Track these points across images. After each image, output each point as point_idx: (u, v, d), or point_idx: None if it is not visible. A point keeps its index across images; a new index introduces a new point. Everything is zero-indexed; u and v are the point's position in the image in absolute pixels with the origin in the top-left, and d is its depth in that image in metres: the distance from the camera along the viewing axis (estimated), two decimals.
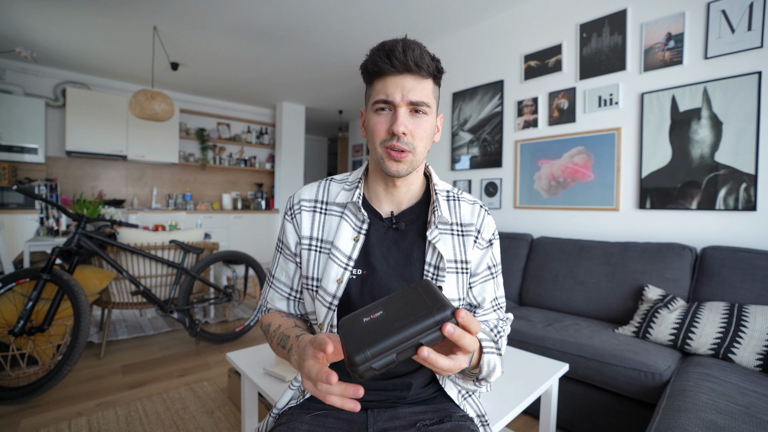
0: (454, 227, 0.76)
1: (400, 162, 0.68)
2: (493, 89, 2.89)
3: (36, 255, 2.67)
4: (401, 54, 0.64)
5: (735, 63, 1.83)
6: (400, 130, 0.66)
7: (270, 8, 2.89)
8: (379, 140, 0.69)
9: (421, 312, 0.47)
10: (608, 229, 2.28)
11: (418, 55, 0.65)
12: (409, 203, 0.77)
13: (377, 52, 0.67)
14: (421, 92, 0.67)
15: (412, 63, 0.65)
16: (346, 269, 0.71)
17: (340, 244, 0.73)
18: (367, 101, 0.72)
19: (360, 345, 0.45)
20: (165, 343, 2.65)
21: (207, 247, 2.72)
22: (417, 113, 0.68)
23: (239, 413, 1.76)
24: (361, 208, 0.74)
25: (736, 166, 1.83)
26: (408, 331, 0.45)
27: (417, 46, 0.66)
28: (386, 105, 0.67)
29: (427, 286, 0.50)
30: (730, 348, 1.41)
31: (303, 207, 0.77)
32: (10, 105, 3.96)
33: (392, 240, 0.74)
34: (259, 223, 5.63)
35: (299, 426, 0.70)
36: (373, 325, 0.48)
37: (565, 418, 1.63)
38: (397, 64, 0.65)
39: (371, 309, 0.51)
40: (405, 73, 0.66)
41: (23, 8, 2.95)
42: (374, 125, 0.69)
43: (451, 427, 0.69)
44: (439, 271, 0.72)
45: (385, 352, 0.45)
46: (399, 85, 0.66)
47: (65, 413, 1.74)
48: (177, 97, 5.28)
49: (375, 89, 0.69)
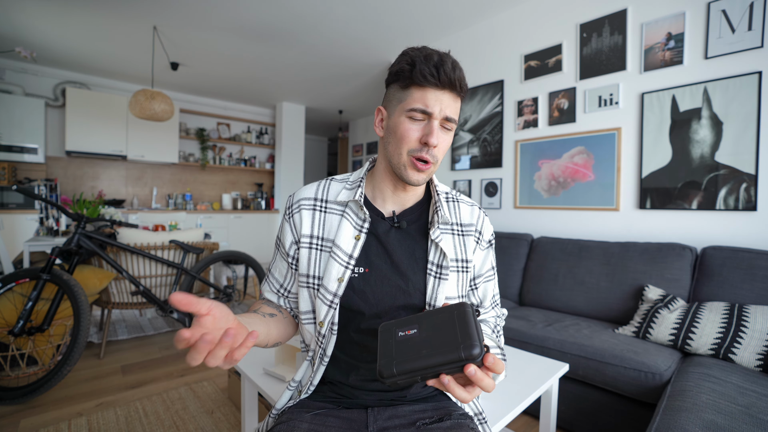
0: (455, 227, 0.78)
1: (423, 173, 0.71)
2: (493, 89, 2.89)
3: (36, 255, 2.67)
4: (451, 71, 0.66)
5: (735, 63, 1.83)
6: (434, 142, 0.68)
7: (270, 8, 2.89)
8: (407, 147, 0.70)
9: (450, 345, 0.49)
10: (608, 229, 2.28)
11: (460, 75, 0.68)
12: (412, 202, 0.79)
13: (425, 62, 0.66)
14: (454, 109, 0.70)
15: (456, 81, 0.67)
16: (348, 267, 0.72)
17: (341, 242, 0.73)
18: (394, 103, 0.72)
19: (389, 360, 0.50)
20: (165, 343, 2.65)
21: (207, 247, 2.72)
22: (446, 129, 0.70)
23: (239, 413, 1.76)
24: (362, 206, 0.74)
25: (736, 166, 1.83)
26: (433, 361, 0.49)
27: (459, 65, 0.69)
28: (423, 114, 0.68)
29: (464, 314, 0.52)
30: (731, 348, 1.41)
31: (302, 206, 0.77)
32: (10, 105, 3.96)
33: (395, 239, 0.75)
34: (259, 223, 5.63)
35: (299, 425, 0.70)
36: (405, 344, 0.52)
37: (565, 418, 1.62)
38: (445, 79, 0.66)
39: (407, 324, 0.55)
40: (447, 89, 0.68)
41: (23, 8, 2.95)
42: (405, 131, 0.69)
43: (451, 425, 0.70)
44: (442, 269, 0.73)
45: (411, 374, 0.49)
46: (439, 99, 0.68)
47: (65, 413, 1.74)
48: (177, 97, 5.28)
49: (412, 96, 0.68)
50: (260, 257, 5.47)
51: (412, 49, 0.70)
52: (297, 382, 0.79)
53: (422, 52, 0.68)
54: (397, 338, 0.53)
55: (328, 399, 0.77)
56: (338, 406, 0.76)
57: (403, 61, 0.69)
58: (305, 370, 0.78)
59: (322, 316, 0.72)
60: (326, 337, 0.73)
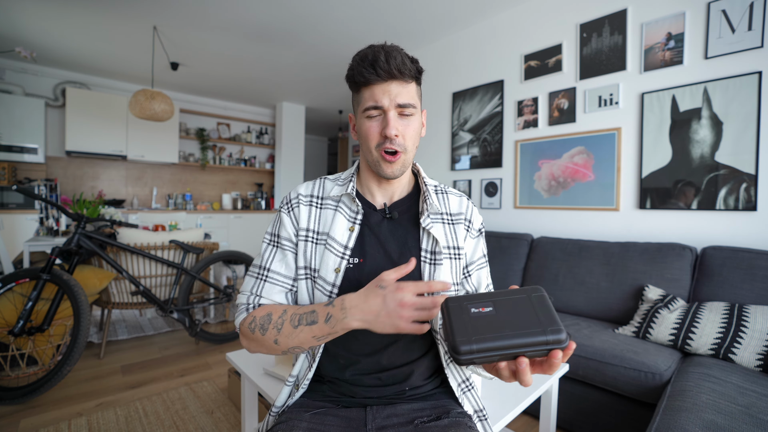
0: (445, 216, 0.81)
1: (393, 164, 0.74)
2: (493, 89, 2.89)
3: (36, 255, 2.67)
4: (385, 63, 0.69)
5: (735, 63, 1.83)
6: (393, 132, 0.71)
7: (270, 8, 2.89)
8: (373, 144, 0.73)
9: (535, 327, 0.48)
10: (608, 229, 2.28)
11: (400, 62, 0.70)
12: (400, 195, 0.82)
13: (361, 63, 0.70)
14: (406, 95, 0.72)
15: (395, 70, 0.69)
16: (343, 258, 0.74)
17: (335, 234, 0.75)
18: (356, 108, 0.77)
19: (467, 336, 0.48)
20: (165, 343, 2.65)
21: (207, 247, 2.72)
22: (405, 115, 0.73)
23: (239, 413, 1.76)
24: (355, 198, 0.77)
25: (736, 166, 1.83)
26: (517, 341, 0.47)
27: (397, 52, 0.70)
28: (376, 110, 0.72)
29: (541, 299, 0.51)
30: (731, 348, 1.41)
31: (301, 201, 0.80)
32: (10, 105, 3.96)
33: (387, 229, 0.78)
34: (259, 223, 5.63)
35: (298, 424, 0.70)
36: (482, 320, 0.49)
37: (565, 418, 1.62)
38: (382, 73, 0.69)
39: (479, 300, 0.52)
40: (390, 79, 0.70)
41: (23, 8, 2.95)
42: (367, 130, 0.73)
43: (449, 424, 0.70)
44: (436, 255, 0.76)
45: (490, 352, 0.47)
46: (386, 91, 0.71)
47: (65, 413, 1.74)
48: (177, 97, 5.28)
49: (363, 97, 0.73)
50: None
51: (357, 53, 0.73)
52: (294, 377, 0.79)
53: (359, 54, 0.72)
54: (471, 314, 0.50)
55: (327, 398, 0.77)
56: (337, 405, 0.76)
57: (348, 69, 0.74)
58: (302, 362, 0.79)
59: None
60: None
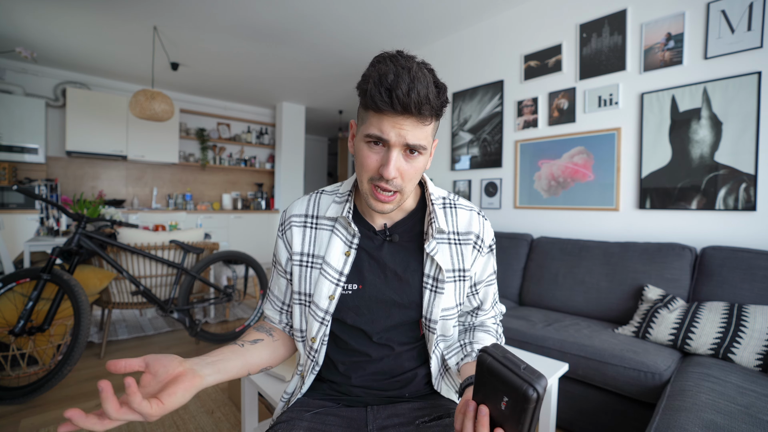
0: (452, 236, 0.74)
1: (385, 203, 0.65)
2: (493, 89, 2.89)
3: (36, 255, 2.67)
4: (404, 95, 0.56)
5: (735, 63, 1.83)
6: (391, 174, 0.61)
7: (270, 8, 2.89)
8: (367, 176, 0.64)
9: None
10: (608, 229, 2.28)
11: (423, 97, 0.57)
12: (403, 214, 0.74)
13: (378, 84, 0.57)
14: (419, 135, 0.61)
15: (414, 107, 0.57)
16: (338, 285, 0.70)
17: (331, 259, 0.71)
18: (359, 122, 0.65)
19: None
20: (165, 343, 2.65)
21: (207, 247, 2.72)
22: (411, 154, 0.62)
23: (239, 413, 1.76)
24: (351, 223, 0.71)
25: (735, 166, 1.83)
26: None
27: (424, 79, 0.58)
28: (379, 143, 0.62)
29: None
30: (730, 348, 1.41)
31: (293, 223, 0.75)
32: (10, 105, 3.96)
33: (387, 252, 0.72)
34: (259, 223, 5.63)
35: (299, 423, 0.70)
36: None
37: (565, 418, 1.63)
38: (398, 106, 0.57)
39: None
40: (405, 114, 0.58)
41: (23, 8, 2.95)
42: (364, 158, 0.63)
43: (450, 423, 0.70)
44: (438, 282, 0.71)
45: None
46: (397, 125, 0.59)
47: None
48: (177, 97, 5.28)
49: (370, 120, 0.61)
50: (260, 257, 5.48)
51: (377, 59, 0.60)
52: (288, 394, 0.80)
53: (379, 69, 0.58)
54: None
55: (328, 397, 0.77)
56: (338, 404, 0.77)
57: (363, 77, 0.61)
58: (295, 383, 0.80)
59: (313, 332, 0.72)
60: (318, 350, 0.73)
